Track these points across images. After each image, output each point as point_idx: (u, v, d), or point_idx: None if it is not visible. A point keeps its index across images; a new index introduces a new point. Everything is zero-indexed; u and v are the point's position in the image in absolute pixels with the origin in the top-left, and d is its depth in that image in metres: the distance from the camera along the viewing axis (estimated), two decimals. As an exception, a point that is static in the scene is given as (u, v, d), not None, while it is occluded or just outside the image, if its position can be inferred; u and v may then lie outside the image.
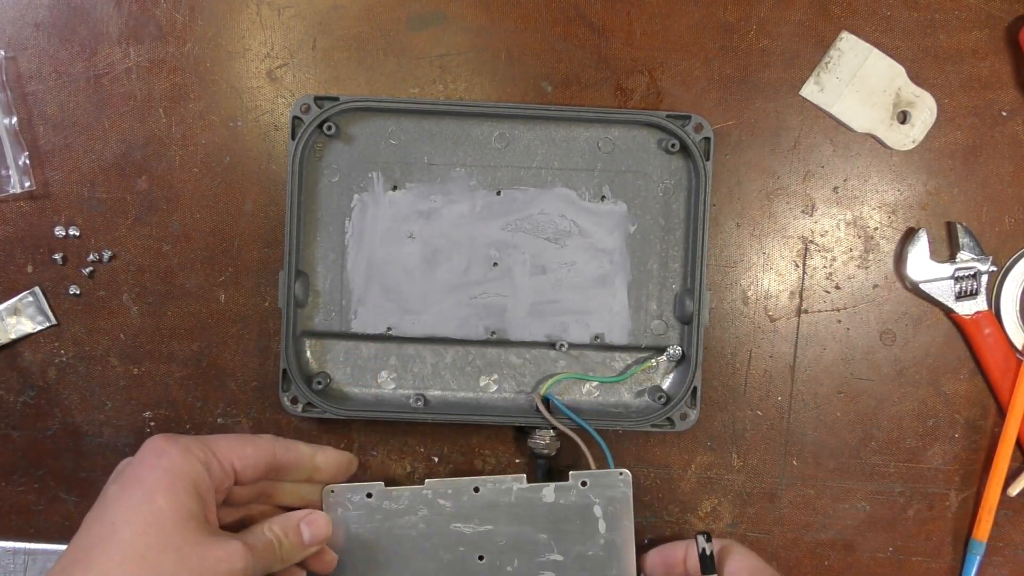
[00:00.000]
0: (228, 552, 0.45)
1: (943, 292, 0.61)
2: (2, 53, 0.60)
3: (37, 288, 0.61)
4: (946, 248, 0.62)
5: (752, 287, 0.62)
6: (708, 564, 0.51)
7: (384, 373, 0.61)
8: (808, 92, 0.62)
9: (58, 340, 0.61)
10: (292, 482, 0.55)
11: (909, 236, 0.62)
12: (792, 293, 0.62)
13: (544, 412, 0.58)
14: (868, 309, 0.62)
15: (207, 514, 0.47)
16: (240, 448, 0.50)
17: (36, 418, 0.62)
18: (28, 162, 0.60)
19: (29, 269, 0.61)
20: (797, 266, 0.62)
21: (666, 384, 0.61)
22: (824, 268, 0.62)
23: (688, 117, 0.59)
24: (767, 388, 0.62)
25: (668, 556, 0.55)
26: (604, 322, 0.61)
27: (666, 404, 0.59)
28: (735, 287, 0.62)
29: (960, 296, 0.61)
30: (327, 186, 0.60)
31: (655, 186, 0.60)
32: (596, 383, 0.61)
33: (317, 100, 0.58)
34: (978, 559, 0.61)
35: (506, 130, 0.60)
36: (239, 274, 0.61)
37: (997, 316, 0.62)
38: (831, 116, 0.62)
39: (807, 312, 0.62)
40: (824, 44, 0.62)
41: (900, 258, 0.62)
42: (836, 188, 0.62)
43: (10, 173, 0.60)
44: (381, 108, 0.59)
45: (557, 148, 0.60)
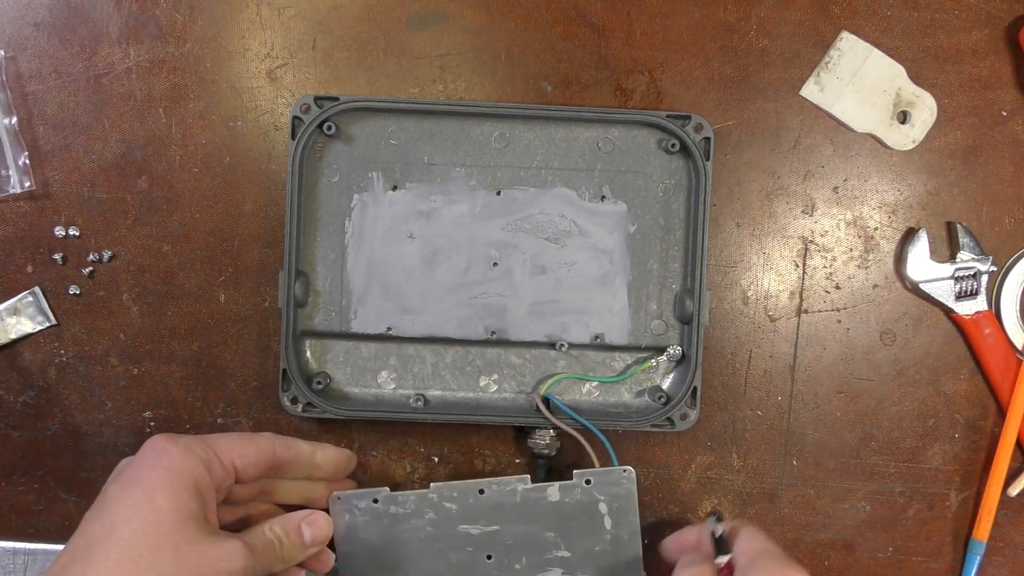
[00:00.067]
0: (227, 551, 0.45)
1: (943, 292, 0.61)
2: (2, 53, 0.60)
3: (37, 288, 0.61)
4: (946, 248, 0.62)
5: (752, 287, 0.62)
6: (720, 545, 0.50)
7: (384, 373, 0.61)
8: (808, 92, 0.62)
9: (58, 340, 0.61)
10: (292, 480, 0.55)
11: (909, 236, 0.62)
12: (792, 293, 0.62)
13: (544, 412, 0.58)
14: (868, 309, 0.62)
15: (207, 514, 0.47)
16: (241, 447, 0.50)
17: (36, 418, 0.62)
18: (28, 162, 0.60)
19: (29, 269, 0.61)
20: (797, 266, 0.62)
21: (666, 384, 0.61)
22: (824, 268, 0.62)
23: (688, 117, 0.59)
24: (767, 388, 0.62)
25: (683, 540, 0.54)
26: (604, 322, 0.61)
27: (666, 404, 0.59)
28: (735, 287, 0.62)
29: (960, 296, 0.61)
30: (327, 186, 0.60)
31: (655, 186, 0.60)
32: (596, 383, 0.61)
33: (317, 100, 0.58)
34: (978, 559, 0.61)
35: (506, 130, 0.60)
36: (239, 274, 0.61)
37: (997, 316, 0.62)
38: (831, 116, 0.62)
39: (807, 312, 0.62)
40: (824, 44, 0.62)
41: (900, 258, 0.62)
42: (836, 188, 0.62)
43: (10, 173, 0.60)
44: (381, 108, 0.59)
45: (557, 148, 0.60)
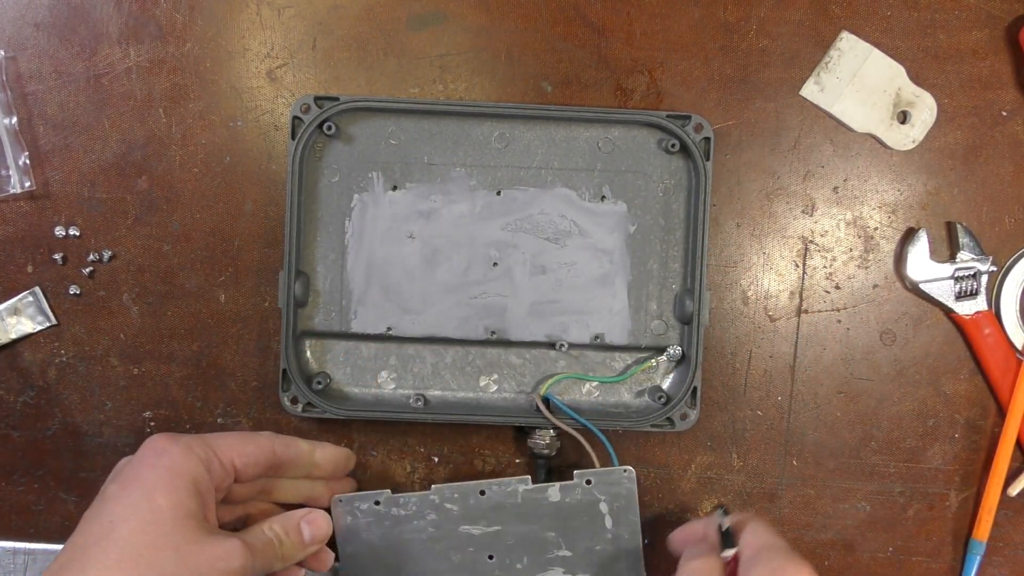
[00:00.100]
0: (226, 550, 0.45)
1: (943, 292, 0.61)
2: (2, 53, 0.60)
3: (37, 288, 0.61)
4: (946, 248, 0.62)
5: (752, 287, 0.62)
6: (727, 538, 0.50)
7: (384, 373, 0.61)
8: (808, 92, 0.62)
9: (58, 340, 0.61)
10: (291, 479, 0.55)
11: (909, 236, 0.62)
12: (792, 293, 0.62)
13: (544, 412, 0.58)
14: (868, 309, 0.62)
15: (206, 513, 0.47)
16: (240, 446, 0.50)
17: (36, 418, 0.62)
18: (28, 162, 0.60)
19: (29, 269, 0.61)
20: (797, 266, 0.62)
21: (666, 384, 0.61)
22: (824, 268, 0.62)
23: (688, 117, 0.59)
24: (767, 388, 0.62)
25: (689, 533, 0.54)
26: (604, 322, 0.61)
27: (666, 404, 0.59)
28: (735, 287, 0.62)
29: (960, 296, 0.61)
30: (327, 186, 0.60)
31: (655, 186, 0.60)
32: (596, 383, 0.61)
33: (317, 100, 0.58)
34: (978, 559, 0.61)
35: (506, 130, 0.60)
36: (239, 274, 0.61)
37: (997, 316, 0.62)
38: (831, 116, 0.62)
39: (807, 312, 0.62)
40: (824, 44, 0.62)
41: (900, 258, 0.62)
42: (836, 188, 0.62)
43: (10, 173, 0.60)
44: (381, 108, 0.59)
45: (557, 148, 0.60)
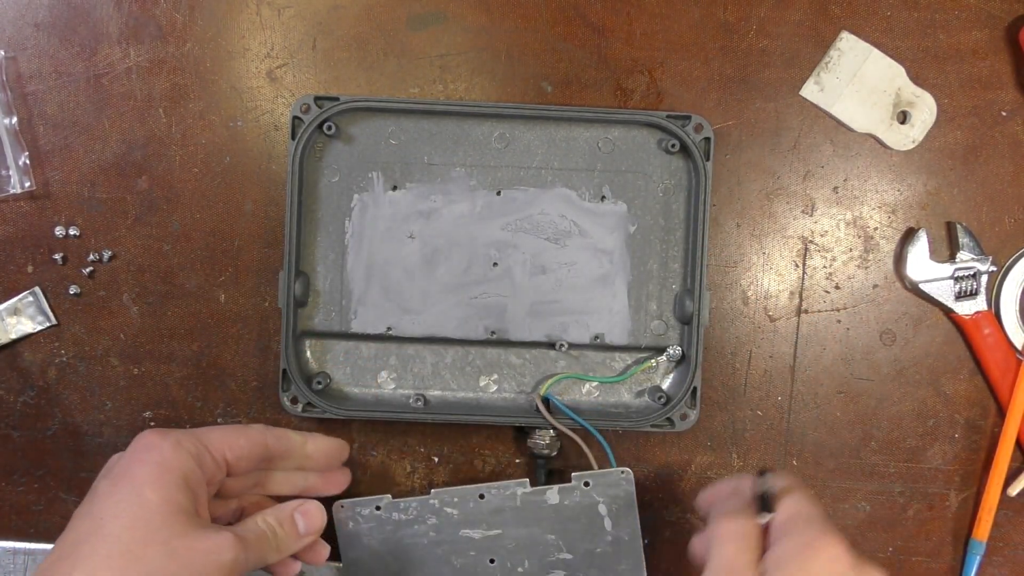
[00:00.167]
0: (216, 544, 0.45)
1: (943, 292, 0.61)
2: (2, 53, 0.60)
3: (37, 288, 0.61)
4: (946, 248, 0.62)
5: (752, 287, 0.62)
6: (765, 503, 0.47)
7: (384, 373, 0.61)
8: (808, 92, 0.62)
9: (58, 340, 0.61)
10: (284, 471, 0.55)
11: (909, 236, 0.62)
12: (792, 293, 0.62)
13: (544, 412, 0.58)
14: (868, 309, 0.62)
15: (198, 507, 0.47)
16: (232, 439, 0.50)
17: (36, 418, 0.62)
18: (28, 162, 0.60)
19: (29, 269, 0.61)
20: (797, 266, 0.62)
21: (666, 384, 0.61)
22: (824, 268, 0.62)
23: (688, 117, 0.59)
24: (767, 388, 0.62)
25: (718, 492, 0.52)
26: (604, 322, 0.61)
27: (666, 404, 0.59)
28: (735, 287, 0.62)
29: (960, 296, 0.61)
30: (327, 186, 0.60)
31: (655, 186, 0.60)
32: (596, 383, 0.61)
33: (317, 100, 0.58)
34: (978, 559, 0.61)
35: (506, 130, 0.60)
36: (239, 274, 0.61)
37: (997, 316, 0.62)
38: (831, 116, 0.62)
39: (807, 312, 0.62)
40: (824, 44, 0.62)
41: (900, 258, 0.62)
42: (836, 188, 0.62)
43: (10, 173, 0.60)
44: (381, 108, 0.59)
45: (557, 148, 0.60)
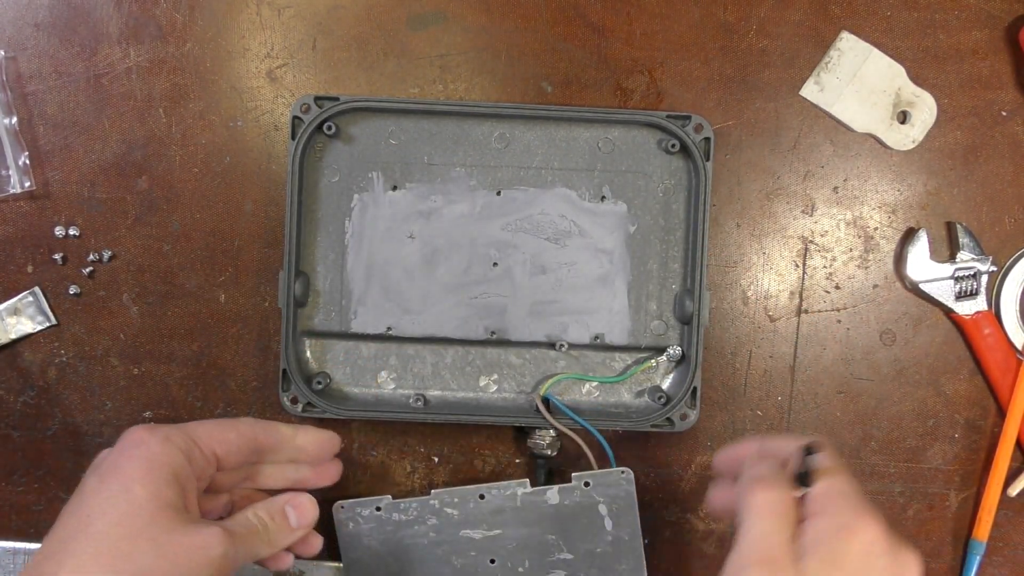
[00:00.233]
0: (205, 539, 0.44)
1: (943, 292, 0.61)
2: (2, 53, 0.60)
3: (37, 288, 0.61)
4: (946, 248, 0.62)
5: (752, 287, 0.62)
6: (805, 478, 0.45)
7: (384, 373, 0.61)
8: (808, 92, 0.62)
9: (58, 340, 0.61)
10: (275, 464, 0.54)
11: (909, 236, 0.62)
12: (792, 293, 0.62)
13: (544, 412, 0.58)
14: (868, 309, 0.62)
15: (187, 503, 0.46)
16: (221, 434, 0.49)
17: (36, 418, 0.62)
18: (28, 162, 0.60)
19: (29, 269, 0.61)
20: (797, 266, 0.62)
21: (666, 384, 0.61)
22: (824, 268, 0.62)
23: (688, 117, 0.59)
24: (767, 388, 0.62)
25: (741, 452, 0.49)
26: (604, 322, 0.61)
27: (666, 404, 0.59)
28: (735, 287, 0.62)
29: (960, 296, 0.61)
30: (327, 186, 0.60)
31: (655, 186, 0.60)
32: (596, 383, 0.61)
33: (317, 100, 0.58)
34: (978, 559, 0.61)
35: (506, 130, 0.60)
36: (239, 274, 0.61)
37: (997, 316, 0.62)
38: (831, 116, 0.62)
39: (807, 312, 0.62)
40: (824, 44, 0.62)
41: (900, 258, 0.62)
42: (836, 188, 0.62)
43: (10, 173, 0.60)
44: (381, 108, 0.59)
45: (557, 148, 0.60)
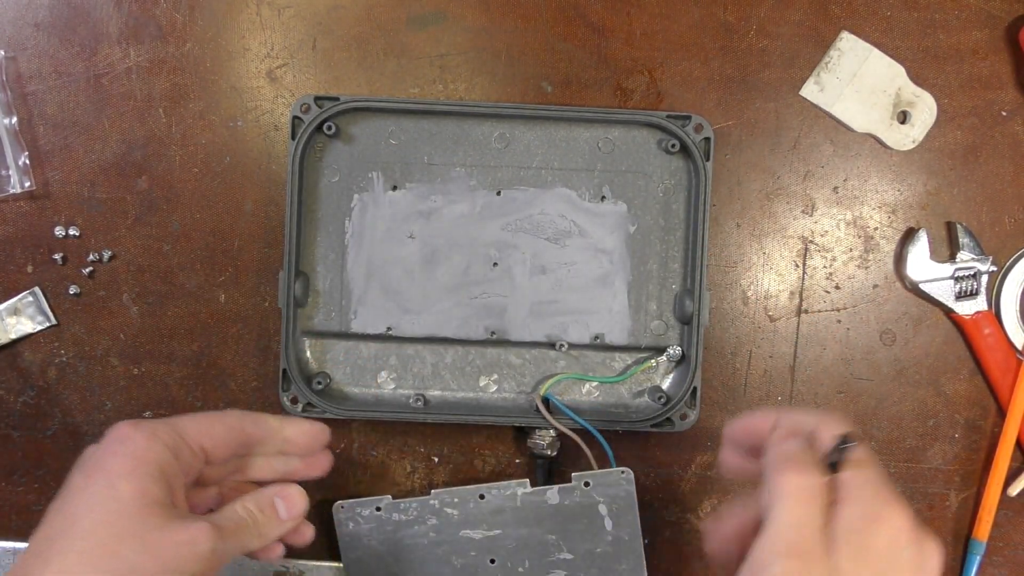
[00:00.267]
0: (192, 534, 0.44)
1: (943, 292, 0.61)
2: (2, 53, 0.60)
3: (37, 288, 0.61)
4: (946, 248, 0.62)
5: (752, 287, 0.62)
6: (835, 466, 0.43)
7: (384, 373, 0.61)
8: (808, 92, 0.62)
9: (58, 340, 0.61)
10: (264, 456, 0.53)
11: (909, 236, 0.62)
12: (792, 293, 0.62)
13: (544, 412, 0.58)
14: (868, 309, 0.62)
15: (174, 498, 0.46)
16: (208, 428, 0.49)
17: (36, 418, 0.62)
18: (28, 162, 0.60)
19: (29, 269, 0.61)
20: (797, 266, 0.62)
21: (666, 384, 0.61)
22: (824, 268, 0.62)
23: (688, 117, 0.59)
24: (767, 388, 0.62)
25: (756, 424, 0.47)
26: (604, 322, 0.61)
27: (666, 404, 0.59)
28: (735, 287, 0.62)
29: (960, 296, 0.61)
30: (327, 186, 0.60)
31: (655, 186, 0.60)
32: (596, 383, 0.61)
33: (317, 100, 0.58)
34: (978, 559, 0.61)
35: (506, 130, 0.60)
36: (239, 274, 0.61)
37: (997, 316, 0.62)
38: (831, 116, 0.62)
39: (807, 312, 0.62)
40: (824, 44, 0.62)
41: (900, 258, 0.62)
42: (836, 188, 0.62)
43: (10, 173, 0.60)
44: (381, 108, 0.59)
45: (557, 148, 0.60)
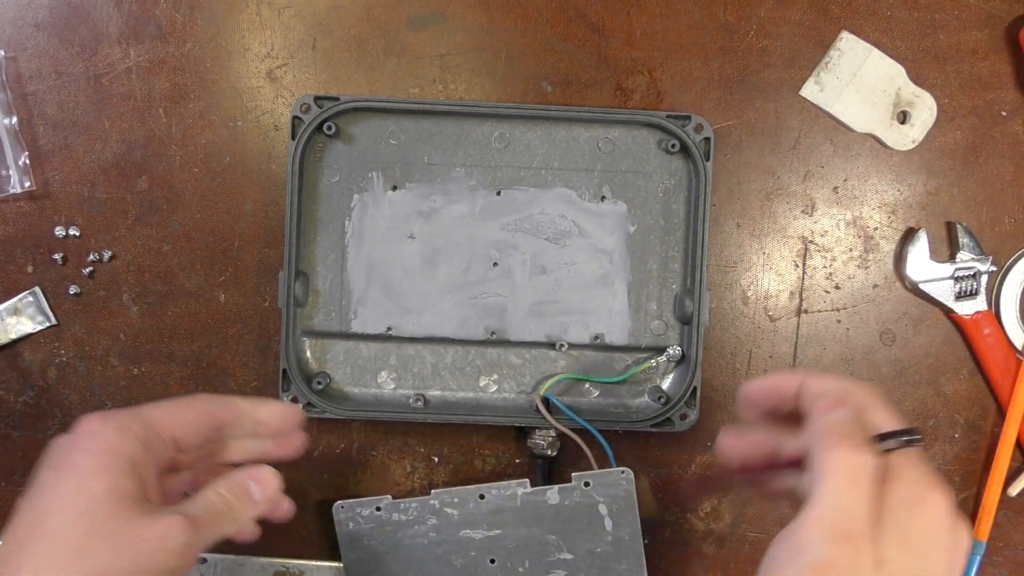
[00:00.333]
0: (166, 529, 0.43)
1: (943, 292, 0.61)
2: (2, 53, 0.60)
3: (37, 288, 0.61)
4: (946, 248, 0.62)
5: (752, 287, 0.62)
6: (885, 445, 0.40)
7: (384, 373, 0.61)
8: (808, 92, 0.62)
9: (58, 340, 0.61)
10: (237, 438, 0.52)
11: (909, 236, 0.62)
12: (792, 293, 0.62)
13: (544, 412, 0.58)
14: (868, 309, 0.62)
15: (146, 491, 0.45)
16: (179, 416, 0.48)
17: (36, 418, 0.62)
18: (28, 162, 0.60)
19: (29, 269, 0.61)
20: (797, 266, 0.62)
21: (666, 384, 0.61)
22: (824, 268, 0.62)
23: (688, 117, 0.59)
24: (767, 388, 0.62)
25: (779, 387, 0.45)
26: (604, 322, 0.60)
27: (666, 404, 0.59)
28: (735, 287, 0.62)
29: (960, 296, 0.61)
30: (327, 186, 0.60)
31: (655, 186, 0.60)
32: (596, 383, 0.61)
33: (317, 100, 0.58)
34: (978, 559, 0.61)
35: (506, 130, 0.60)
36: (239, 274, 0.61)
37: (997, 316, 0.62)
38: (831, 116, 0.62)
39: (807, 312, 0.62)
40: (824, 44, 0.62)
41: (900, 258, 0.62)
42: (836, 188, 0.62)
43: (10, 173, 0.60)
44: (381, 108, 0.59)
45: (557, 148, 0.60)
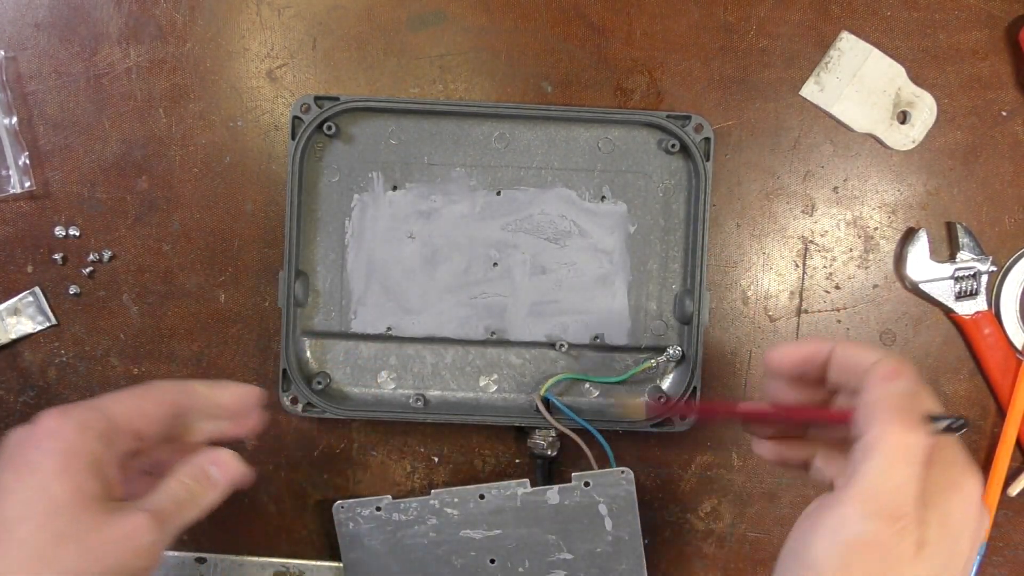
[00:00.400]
0: (131, 528, 0.43)
1: (943, 292, 0.61)
2: (2, 53, 0.60)
3: (37, 288, 0.61)
4: (946, 248, 0.62)
5: (752, 287, 0.62)
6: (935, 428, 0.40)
7: (384, 373, 0.61)
8: (808, 92, 0.62)
9: (58, 340, 0.61)
10: (196, 421, 0.52)
11: (909, 236, 0.62)
12: (792, 293, 0.62)
13: (544, 412, 0.58)
14: (868, 309, 0.62)
15: (110, 489, 0.45)
16: (139, 407, 0.48)
17: (36, 418, 0.62)
18: (28, 162, 0.60)
19: (29, 269, 0.61)
20: (797, 266, 0.62)
21: (666, 384, 0.61)
22: (824, 268, 0.62)
23: (688, 117, 0.59)
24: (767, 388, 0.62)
25: (811, 354, 0.44)
26: (604, 322, 0.61)
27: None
28: (735, 287, 0.62)
29: (960, 296, 0.61)
30: (327, 186, 0.60)
31: (655, 186, 0.60)
32: (596, 383, 0.61)
33: (317, 100, 0.58)
34: (978, 559, 0.61)
35: (506, 130, 0.60)
36: (239, 274, 0.61)
37: (997, 316, 0.62)
38: (831, 116, 0.62)
39: (807, 312, 0.62)
40: (824, 44, 0.62)
41: (900, 258, 0.62)
42: (836, 188, 0.62)
43: (10, 173, 0.60)
44: (381, 108, 0.59)
45: (557, 148, 0.60)
